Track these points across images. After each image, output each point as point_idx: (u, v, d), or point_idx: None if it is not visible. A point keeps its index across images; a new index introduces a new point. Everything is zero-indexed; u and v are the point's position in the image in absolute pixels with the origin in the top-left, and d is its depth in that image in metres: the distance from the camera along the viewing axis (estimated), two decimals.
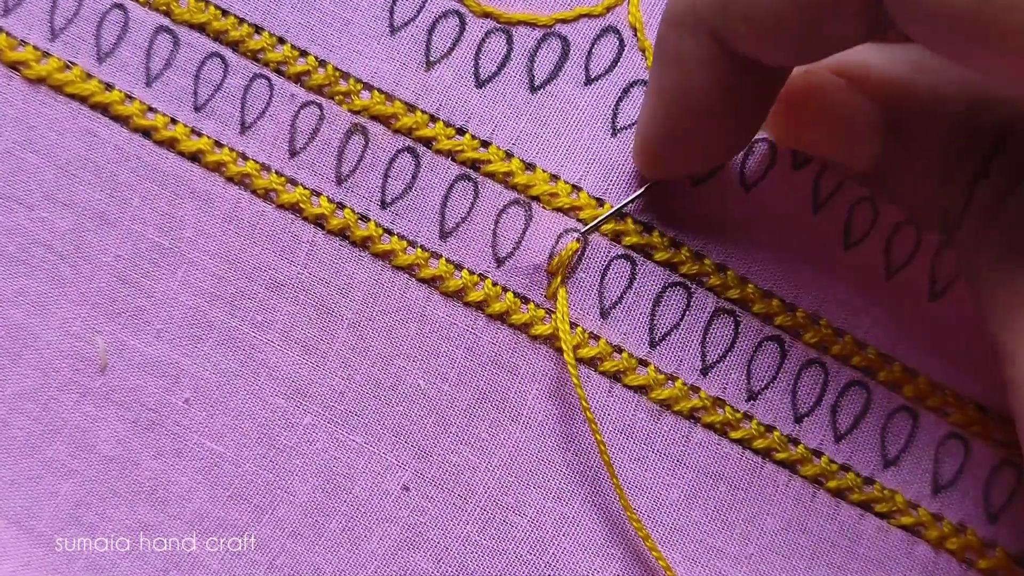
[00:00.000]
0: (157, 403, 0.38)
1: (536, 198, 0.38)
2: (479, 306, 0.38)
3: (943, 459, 0.37)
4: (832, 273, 0.38)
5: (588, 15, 0.39)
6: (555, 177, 0.38)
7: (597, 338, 0.38)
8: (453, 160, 0.38)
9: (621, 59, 0.39)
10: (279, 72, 0.39)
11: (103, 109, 0.39)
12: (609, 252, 0.38)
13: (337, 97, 0.39)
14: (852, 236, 0.38)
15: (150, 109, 0.39)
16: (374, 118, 0.38)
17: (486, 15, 0.39)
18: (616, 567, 0.37)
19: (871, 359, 0.37)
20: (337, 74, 0.39)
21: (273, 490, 0.38)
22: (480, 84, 0.38)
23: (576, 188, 0.38)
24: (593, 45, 0.39)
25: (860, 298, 0.38)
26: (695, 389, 0.38)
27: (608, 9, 0.39)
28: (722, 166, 0.37)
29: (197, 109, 0.39)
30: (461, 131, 0.38)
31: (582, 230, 0.37)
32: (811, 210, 0.38)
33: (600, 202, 0.38)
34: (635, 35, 0.39)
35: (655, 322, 0.38)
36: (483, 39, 0.39)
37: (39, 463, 0.38)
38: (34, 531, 0.38)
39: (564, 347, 0.37)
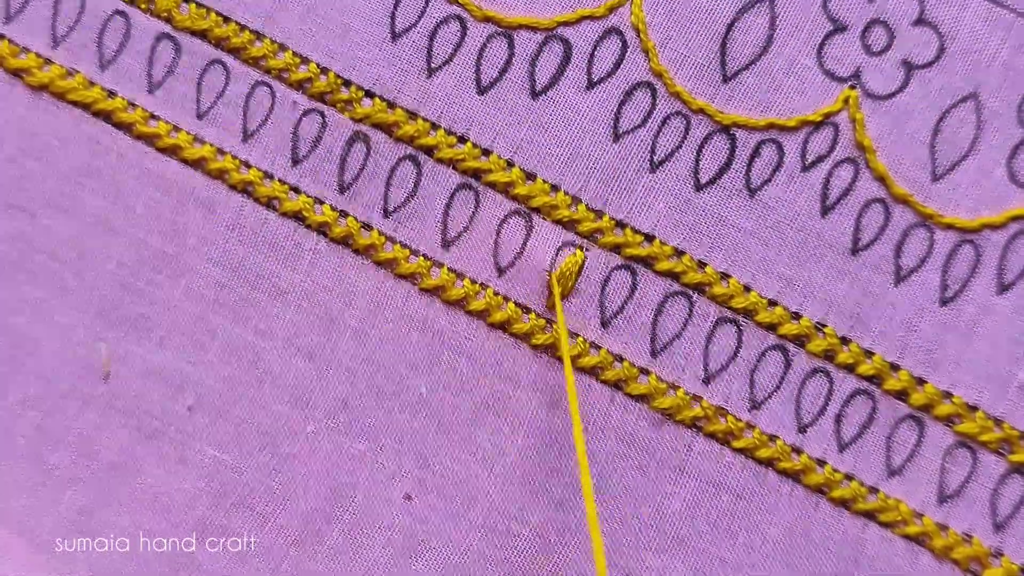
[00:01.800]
0: (160, 411, 0.38)
1: (536, 209, 0.38)
2: (481, 315, 0.38)
3: (950, 468, 0.37)
4: (839, 279, 0.37)
5: (590, 17, 0.38)
6: (555, 188, 0.38)
7: (598, 348, 0.38)
8: (455, 169, 0.38)
9: (624, 61, 0.38)
10: (281, 79, 0.39)
11: (106, 116, 0.39)
12: (609, 263, 0.38)
13: (339, 105, 0.38)
14: (861, 240, 0.37)
15: (152, 116, 0.39)
16: (376, 126, 0.38)
17: (487, 19, 0.38)
18: None
19: (877, 368, 0.37)
20: (339, 81, 0.38)
21: (276, 498, 0.38)
22: (481, 91, 0.38)
23: (576, 200, 0.38)
24: (595, 48, 0.38)
25: (868, 305, 0.37)
26: (697, 398, 0.37)
27: (610, 10, 0.38)
28: None
29: (199, 116, 0.39)
30: (462, 139, 0.38)
31: (579, 243, 0.37)
32: (819, 213, 0.37)
33: (599, 214, 0.38)
34: (638, 36, 0.38)
35: (656, 332, 0.38)
36: (484, 44, 0.38)
37: (42, 471, 0.38)
38: (36, 539, 0.38)
39: (564, 357, 0.36)
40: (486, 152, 0.38)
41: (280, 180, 0.39)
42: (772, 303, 0.37)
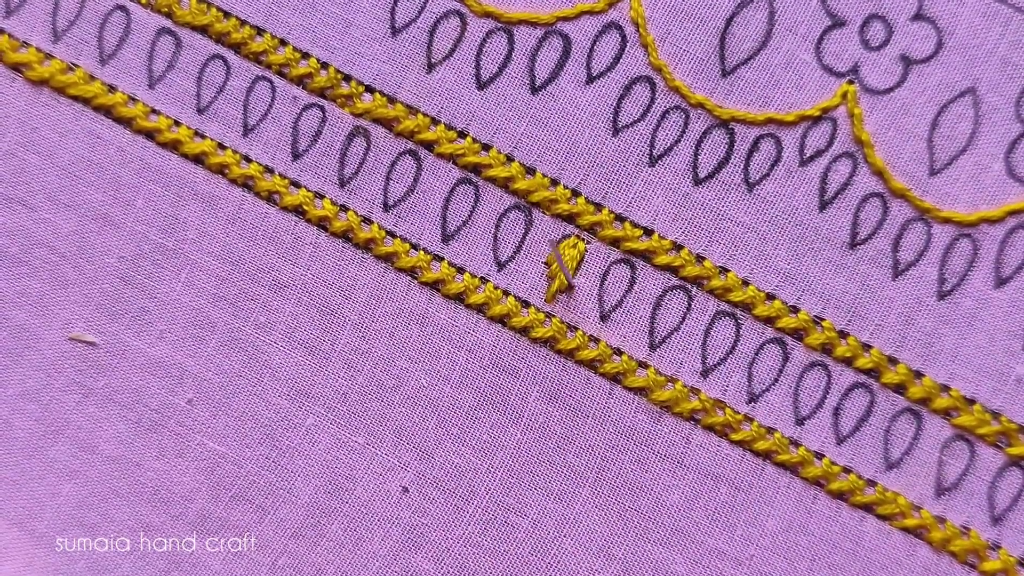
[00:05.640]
0: (160, 404, 0.38)
1: (536, 204, 0.38)
2: (480, 309, 0.38)
3: (947, 461, 0.37)
4: (837, 273, 0.37)
5: (590, 11, 0.39)
6: (555, 182, 0.38)
7: (597, 341, 0.38)
8: (455, 164, 0.38)
9: (623, 56, 0.38)
10: (281, 74, 0.39)
11: (106, 111, 0.39)
12: (608, 257, 0.38)
13: (339, 100, 0.39)
14: (859, 234, 0.38)
15: (153, 111, 0.39)
16: (376, 121, 0.38)
17: (487, 15, 0.38)
18: (617, 567, 0.37)
19: (876, 361, 0.37)
20: (339, 76, 0.38)
21: (275, 491, 0.38)
22: (481, 86, 0.38)
23: (575, 193, 0.38)
24: (595, 42, 0.38)
25: (866, 298, 0.37)
26: (695, 391, 0.38)
27: (610, 5, 0.39)
28: None
29: (200, 111, 0.39)
30: (462, 134, 0.38)
31: (580, 235, 0.38)
32: (817, 208, 0.38)
33: (599, 207, 0.38)
34: (637, 30, 0.38)
35: (655, 325, 0.38)
36: (484, 39, 0.38)
37: (41, 464, 0.38)
38: (36, 532, 0.38)
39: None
40: (486, 147, 0.38)
41: (280, 174, 0.39)
42: (770, 297, 0.37)
